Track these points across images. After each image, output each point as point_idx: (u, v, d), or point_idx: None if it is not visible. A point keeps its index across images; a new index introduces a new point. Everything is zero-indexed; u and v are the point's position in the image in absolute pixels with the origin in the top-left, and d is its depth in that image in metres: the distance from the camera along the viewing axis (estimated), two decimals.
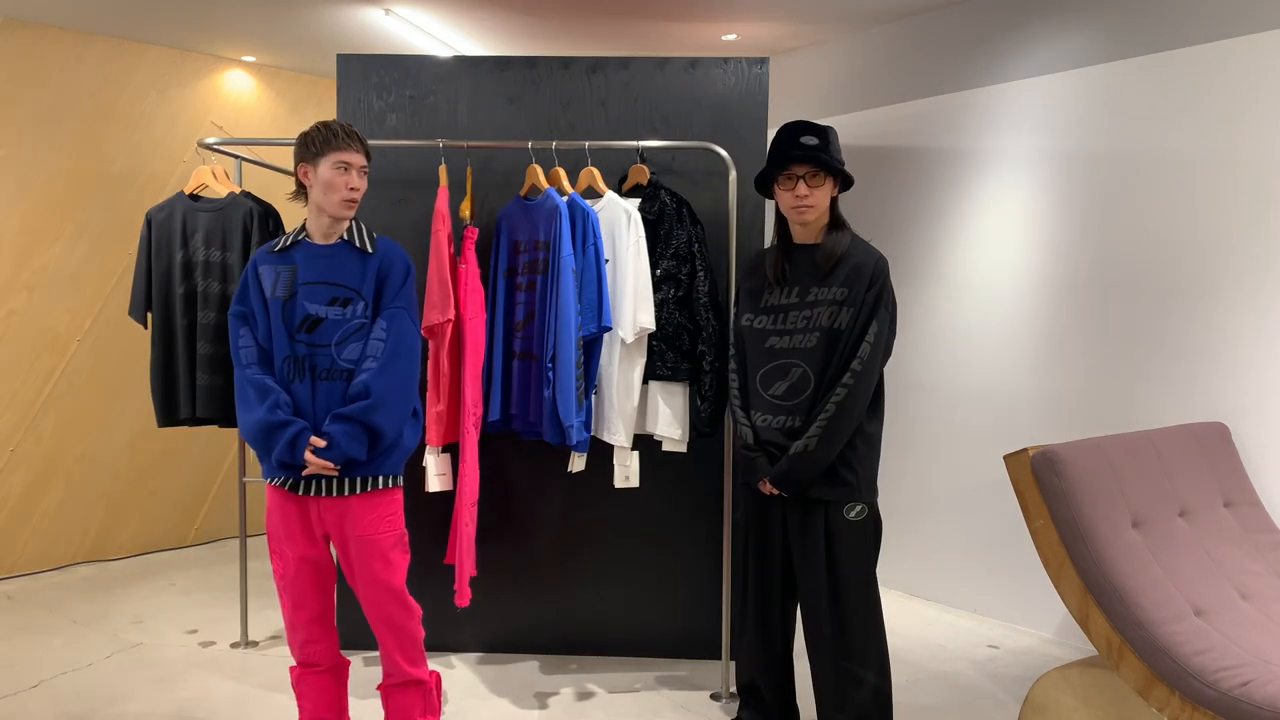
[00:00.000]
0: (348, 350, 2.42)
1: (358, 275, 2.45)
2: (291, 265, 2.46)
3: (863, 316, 2.42)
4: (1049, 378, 3.72)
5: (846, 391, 2.40)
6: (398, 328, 2.44)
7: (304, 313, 2.42)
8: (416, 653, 2.57)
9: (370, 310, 2.44)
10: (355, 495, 2.42)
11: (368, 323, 2.44)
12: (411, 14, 4.26)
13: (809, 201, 2.49)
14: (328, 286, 2.44)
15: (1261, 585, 2.64)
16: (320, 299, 2.43)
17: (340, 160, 2.39)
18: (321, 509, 2.43)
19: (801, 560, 2.51)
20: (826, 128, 2.54)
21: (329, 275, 2.44)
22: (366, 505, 2.44)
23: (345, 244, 2.47)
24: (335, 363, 2.42)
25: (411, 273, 2.50)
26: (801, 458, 2.42)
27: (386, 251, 2.49)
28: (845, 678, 2.46)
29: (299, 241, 2.49)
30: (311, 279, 2.44)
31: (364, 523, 2.43)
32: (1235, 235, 3.22)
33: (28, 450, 4.42)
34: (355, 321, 2.43)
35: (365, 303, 2.44)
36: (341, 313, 2.43)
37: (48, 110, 4.43)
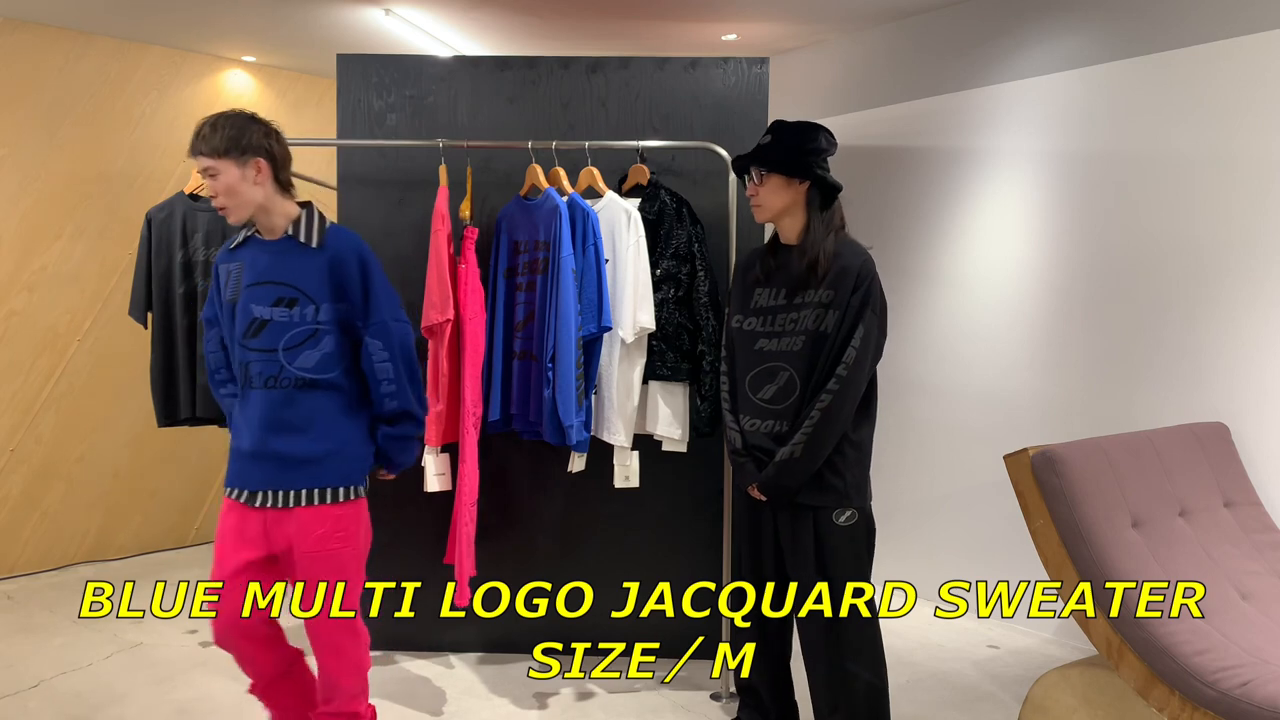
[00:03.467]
0: (301, 358, 2.22)
1: (304, 274, 2.23)
2: (239, 264, 2.28)
3: (848, 320, 2.38)
4: (1049, 378, 3.72)
5: (832, 397, 2.36)
6: (391, 339, 2.27)
7: (249, 316, 2.23)
8: (360, 683, 2.37)
9: (324, 314, 2.23)
10: (305, 507, 2.24)
11: (324, 329, 2.23)
12: (411, 14, 4.26)
13: (756, 200, 2.49)
14: (272, 286, 2.23)
15: (1261, 585, 2.64)
16: (265, 300, 2.23)
17: (199, 169, 2.21)
18: (272, 520, 2.26)
19: (793, 564, 2.50)
20: (801, 126, 2.49)
21: (274, 274, 2.24)
22: (320, 518, 2.25)
23: (289, 239, 2.26)
24: (285, 370, 2.22)
25: (371, 266, 2.27)
26: (787, 464, 2.40)
27: (337, 247, 2.25)
28: (839, 677, 2.45)
29: (249, 237, 2.31)
30: (257, 279, 2.25)
31: (315, 536, 2.24)
32: (1235, 235, 3.22)
33: (28, 450, 4.42)
34: (305, 326, 2.22)
35: (315, 305, 2.22)
36: (288, 314, 2.22)
37: (48, 110, 4.43)
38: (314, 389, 2.25)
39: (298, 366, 2.23)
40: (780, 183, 2.46)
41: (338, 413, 2.27)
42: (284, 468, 2.24)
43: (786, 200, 2.47)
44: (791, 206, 2.48)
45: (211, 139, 2.18)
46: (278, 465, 2.24)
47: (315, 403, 2.25)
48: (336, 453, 2.27)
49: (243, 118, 2.23)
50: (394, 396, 2.28)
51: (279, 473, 2.25)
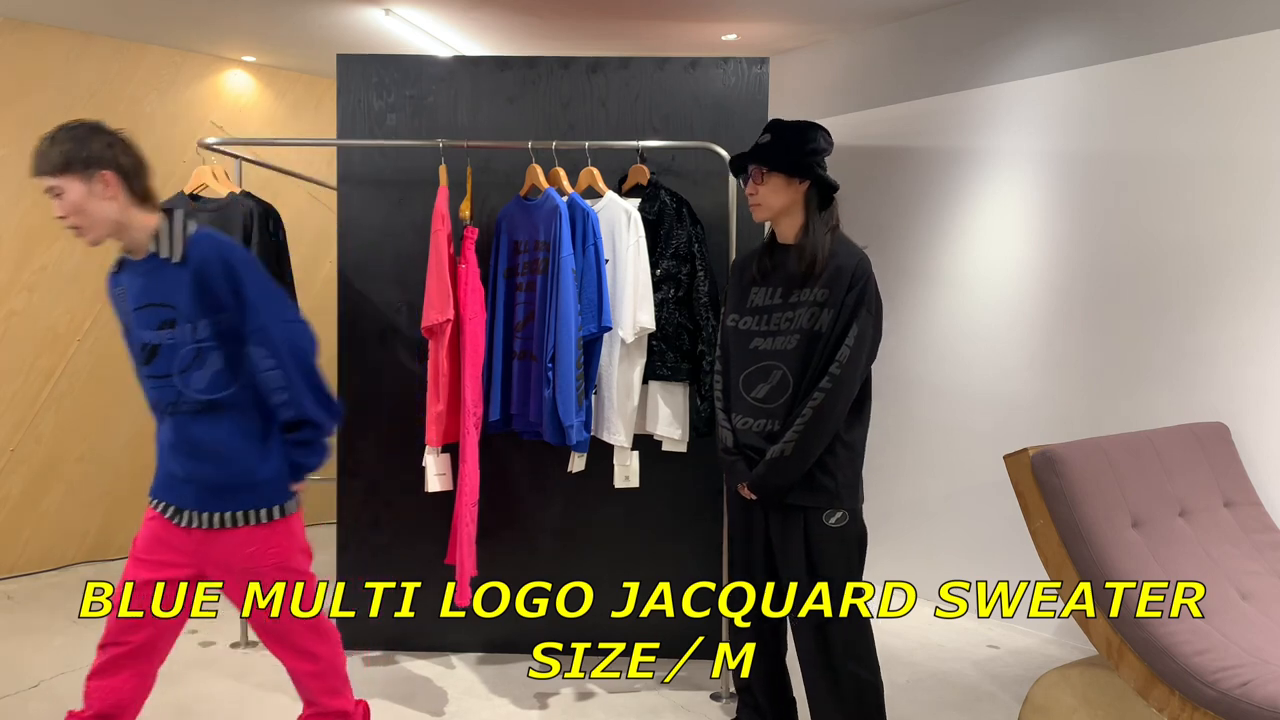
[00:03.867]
0: (194, 380, 2.08)
1: (173, 291, 2.06)
2: (122, 288, 2.13)
3: (843, 319, 2.37)
4: (1049, 378, 3.72)
5: (824, 396, 2.35)
6: (275, 344, 2.08)
7: (140, 341, 2.10)
8: (337, 680, 2.29)
9: (203, 331, 2.06)
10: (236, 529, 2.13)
11: (207, 347, 2.07)
12: (411, 14, 4.26)
13: (756, 199, 2.48)
14: (152, 308, 2.08)
15: (1261, 585, 2.64)
16: (150, 323, 2.08)
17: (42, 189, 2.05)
18: (196, 541, 2.15)
19: (784, 564, 2.49)
20: (799, 125, 2.49)
21: (150, 295, 2.08)
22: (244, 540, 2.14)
23: (154, 255, 2.08)
24: (182, 395, 2.09)
25: (241, 269, 2.07)
26: (777, 463, 2.39)
27: (199, 258, 2.06)
28: (834, 677, 2.45)
29: (123, 260, 2.14)
30: (137, 302, 2.09)
31: (241, 557, 2.14)
32: (1235, 235, 3.22)
33: (28, 450, 4.42)
34: (189, 347, 2.07)
35: (192, 323, 2.06)
36: (172, 336, 2.07)
37: (48, 110, 4.43)
38: (217, 410, 2.10)
39: (193, 389, 2.09)
40: (781, 182, 2.45)
41: (249, 432, 2.13)
42: (205, 493, 2.13)
43: (787, 200, 2.47)
44: (791, 206, 2.47)
45: (50, 155, 2.03)
46: (198, 489, 2.13)
47: (223, 425, 2.11)
48: (255, 475, 2.13)
49: (83, 129, 2.07)
50: (289, 405, 2.11)
51: (202, 497, 2.13)
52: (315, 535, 5.67)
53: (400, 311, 3.46)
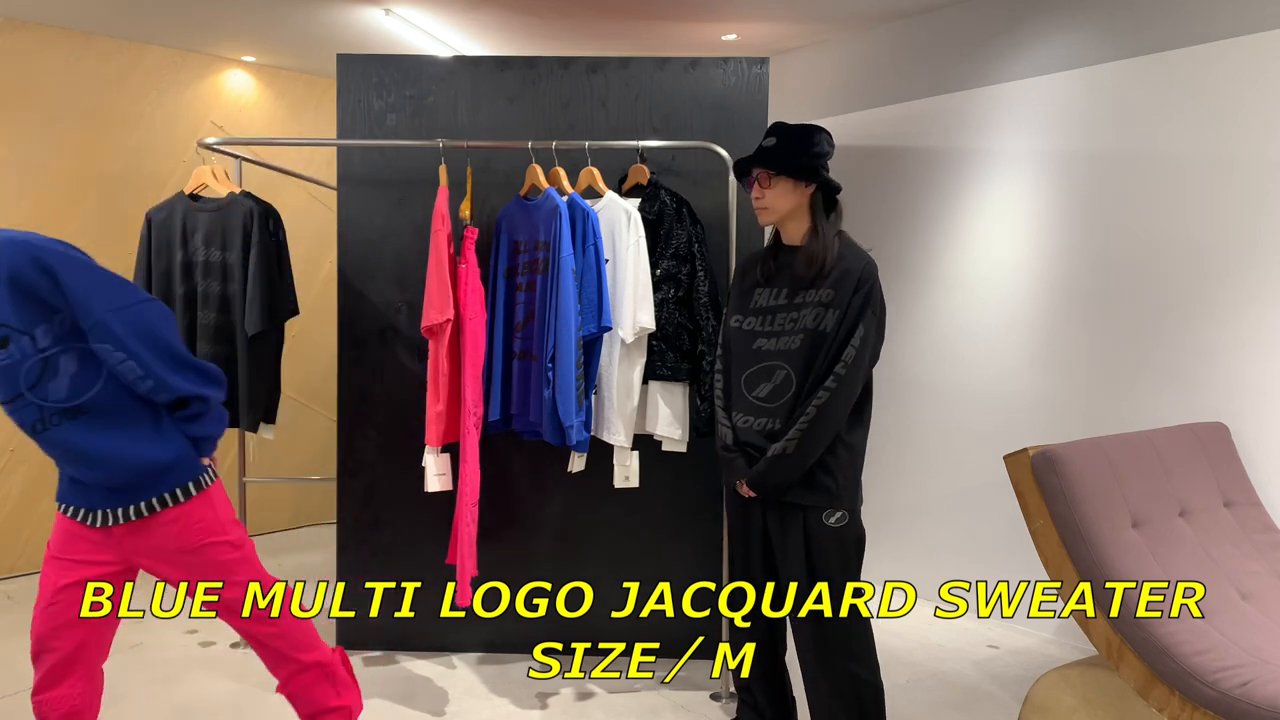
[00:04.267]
0: (50, 391, 1.94)
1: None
2: None
3: (848, 320, 2.38)
4: (1049, 378, 3.72)
5: (829, 395, 2.36)
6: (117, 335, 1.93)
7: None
8: (302, 639, 2.24)
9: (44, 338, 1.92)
10: (155, 514, 2.08)
11: (53, 352, 1.93)
12: (411, 14, 4.26)
13: (762, 203, 2.49)
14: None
15: (1261, 585, 2.64)
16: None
17: None
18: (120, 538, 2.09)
19: (783, 564, 2.50)
20: (803, 128, 2.49)
21: None
22: (168, 520, 2.09)
23: None
24: (44, 410, 1.95)
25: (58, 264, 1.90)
26: (778, 460, 2.40)
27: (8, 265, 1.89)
28: (833, 677, 2.45)
29: None
30: None
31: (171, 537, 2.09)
32: (1235, 235, 3.22)
33: (28, 450, 4.42)
34: (32, 360, 1.92)
35: (28, 334, 1.91)
36: (7, 355, 1.91)
37: (48, 110, 4.43)
38: (88, 413, 1.98)
39: (53, 401, 1.95)
40: (788, 186, 2.46)
41: (133, 425, 2.02)
42: (111, 493, 2.06)
43: (793, 203, 2.48)
44: (797, 209, 2.48)
45: None
46: (103, 491, 2.06)
47: (100, 427, 1.99)
48: (155, 464, 2.05)
49: None
50: (158, 389, 1.99)
51: (112, 496, 2.06)
52: (315, 535, 5.69)
53: (400, 311, 3.46)
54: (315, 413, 5.31)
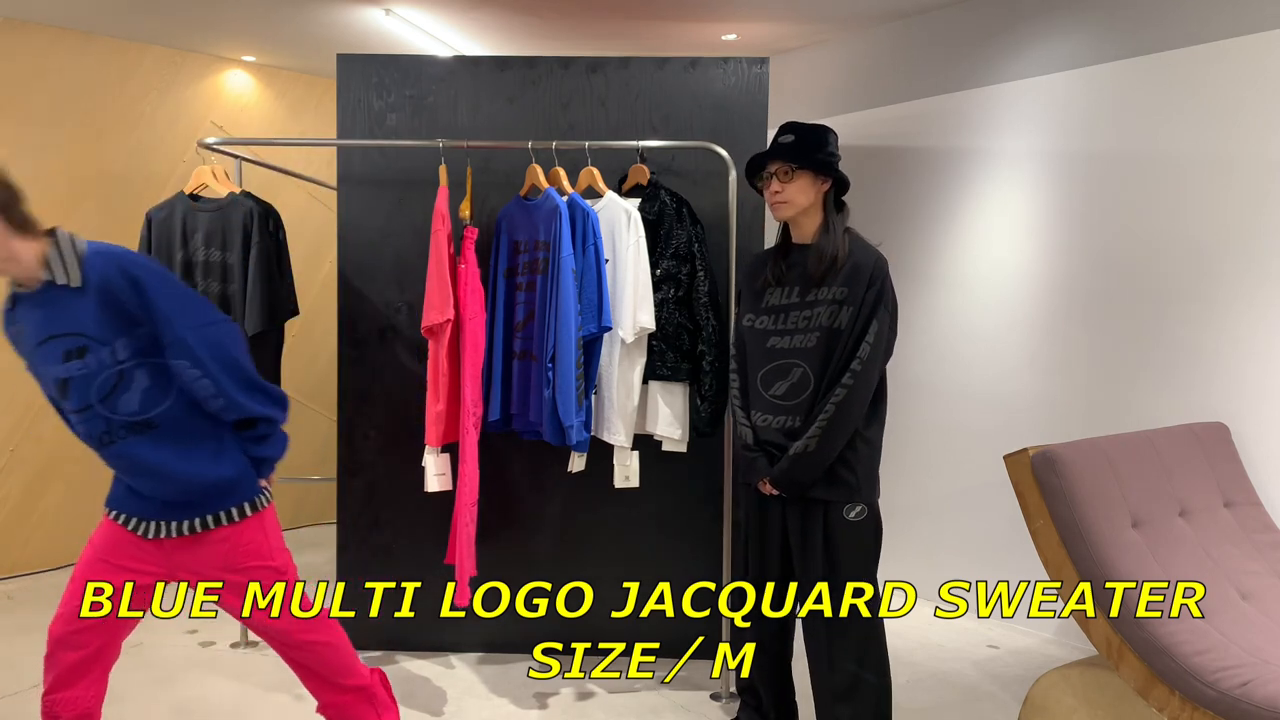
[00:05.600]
0: (121, 404, 1.97)
1: (78, 318, 1.93)
2: (18, 326, 2.00)
3: (863, 316, 2.41)
4: (1049, 378, 3.72)
5: (846, 392, 2.39)
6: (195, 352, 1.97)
7: (51, 377, 1.98)
8: (342, 664, 2.25)
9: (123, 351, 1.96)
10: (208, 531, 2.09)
11: (129, 366, 1.96)
12: (411, 14, 4.26)
13: (782, 197, 2.50)
14: (55, 340, 1.94)
15: (1261, 585, 2.64)
16: (54, 358, 1.95)
17: None
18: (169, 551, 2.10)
19: (801, 560, 2.51)
20: (816, 127, 2.52)
21: (50, 327, 1.94)
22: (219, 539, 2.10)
23: (49, 284, 1.94)
24: (112, 422, 1.98)
25: (146, 279, 1.95)
26: (801, 458, 2.42)
27: (99, 279, 1.93)
28: (844, 678, 2.46)
29: (16, 295, 2.00)
30: (38, 337, 1.96)
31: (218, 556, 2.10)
32: (1235, 235, 3.22)
33: (28, 450, 4.42)
34: (108, 372, 1.95)
35: (109, 345, 1.94)
36: (83, 366, 1.94)
37: (48, 110, 4.43)
38: (155, 429, 2.00)
39: (123, 414, 1.98)
40: (808, 181, 2.49)
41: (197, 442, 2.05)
42: (168, 507, 2.07)
43: (811, 198, 2.50)
44: (812, 206, 2.52)
45: None
46: (160, 504, 2.07)
47: (166, 442, 2.01)
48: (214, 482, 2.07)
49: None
50: (228, 409, 2.04)
51: (164, 510, 2.08)
52: (315, 535, 5.69)
53: (400, 311, 3.46)
54: (315, 413, 5.31)
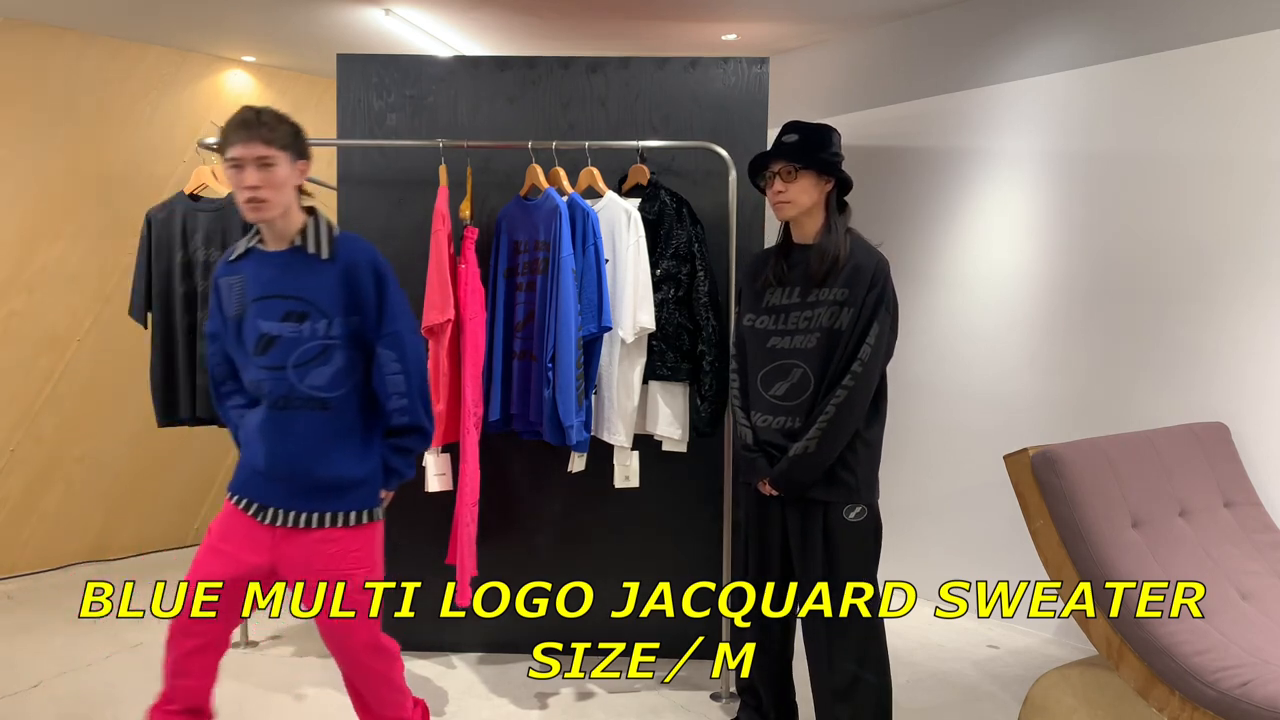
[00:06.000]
0: (312, 376, 2.09)
1: (314, 286, 2.09)
2: (240, 276, 2.14)
3: (864, 317, 2.41)
4: (1049, 378, 3.72)
5: (847, 393, 2.39)
6: (405, 351, 2.15)
7: (257, 331, 2.10)
8: (393, 697, 2.33)
9: (337, 329, 2.10)
10: (324, 529, 2.15)
11: (335, 345, 2.10)
12: (411, 14, 4.26)
13: (785, 197, 2.50)
14: (280, 300, 2.10)
15: (1261, 585, 2.64)
16: (273, 314, 2.10)
17: (230, 158, 2.03)
18: (279, 538, 2.16)
19: (801, 560, 2.51)
20: (820, 127, 2.52)
21: (280, 287, 2.10)
22: (332, 539, 2.16)
23: (298, 249, 2.11)
24: (295, 389, 2.09)
25: (387, 275, 2.16)
26: (801, 459, 2.42)
27: (349, 257, 2.12)
28: (844, 678, 2.46)
29: (251, 249, 2.16)
30: (261, 292, 2.11)
31: (325, 556, 2.15)
32: (1234, 235, 3.22)
33: (28, 450, 4.42)
34: (315, 343, 2.09)
35: (328, 319, 2.09)
36: (297, 330, 2.09)
37: (48, 110, 4.43)
38: (325, 409, 2.12)
39: (308, 385, 2.10)
40: (812, 181, 2.49)
41: (351, 435, 2.16)
42: (297, 492, 2.14)
43: (814, 198, 2.51)
44: (814, 206, 2.52)
45: (277, 129, 2.05)
46: (290, 488, 2.14)
47: (329, 423, 2.13)
48: (349, 477, 2.16)
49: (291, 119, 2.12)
50: (404, 411, 2.16)
51: (292, 496, 2.14)
52: None
53: None
54: None
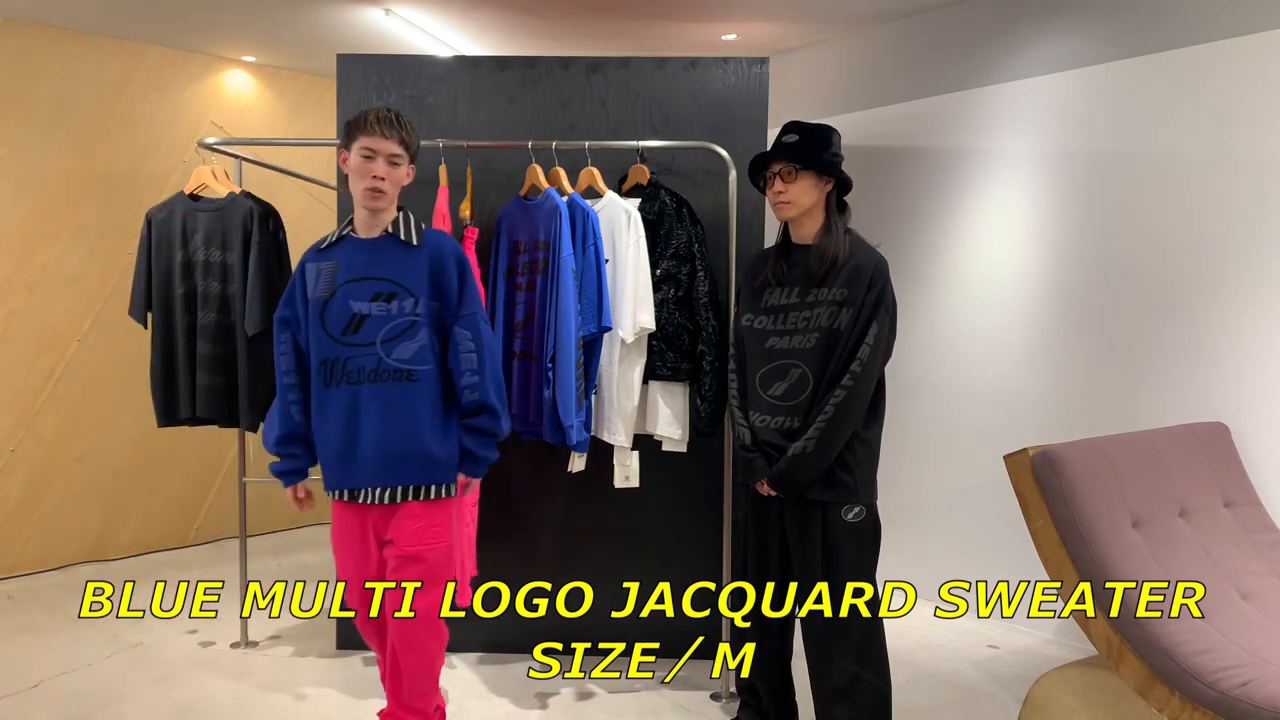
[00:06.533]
0: (399, 350, 2.33)
1: (402, 269, 2.36)
2: (333, 262, 2.39)
3: (863, 318, 2.41)
4: (1049, 378, 3.72)
5: (846, 393, 2.39)
6: (480, 333, 2.39)
7: (350, 311, 2.34)
8: (428, 685, 2.48)
9: (421, 308, 2.34)
10: (407, 503, 2.38)
11: (420, 321, 2.34)
12: (411, 14, 4.26)
13: (785, 197, 2.51)
14: (370, 282, 2.35)
15: (1261, 585, 2.64)
16: (363, 295, 2.35)
17: (365, 147, 2.31)
18: (374, 517, 2.40)
19: (800, 560, 2.51)
20: (820, 127, 2.53)
21: (371, 270, 2.36)
22: (413, 514, 2.38)
23: (389, 237, 2.39)
24: (384, 362, 2.33)
25: (466, 265, 2.42)
26: (799, 459, 2.42)
27: (435, 246, 2.39)
28: (844, 678, 2.46)
29: (344, 237, 2.42)
30: (353, 275, 2.36)
31: (408, 532, 2.37)
32: (1234, 235, 3.22)
33: (28, 450, 4.42)
34: (402, 319, 2.34)
35: (415, 299, 2.34)
36: (385, 309, 2.34)
37: (48, 110, 4.43)
38: (410, 381, 2.34)
39: (395, 358, 2.33)
40: (811, 181, 2.49)
41: (432, 410, 2.36)
42: (384, 466, 2.34)
43: (814, 198, 2.51)
44: (814, 206, 2.52)
45: (411, 136, 2.38)
46: (377, 463, 2.34)
47: (412, 397, 2.34)
48: (433, 450, 2.36)
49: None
50: (475, 389, 2.36)
51: (378, 470, 2.35)
52: (315, 535, 5.68)
53: None
54: None
